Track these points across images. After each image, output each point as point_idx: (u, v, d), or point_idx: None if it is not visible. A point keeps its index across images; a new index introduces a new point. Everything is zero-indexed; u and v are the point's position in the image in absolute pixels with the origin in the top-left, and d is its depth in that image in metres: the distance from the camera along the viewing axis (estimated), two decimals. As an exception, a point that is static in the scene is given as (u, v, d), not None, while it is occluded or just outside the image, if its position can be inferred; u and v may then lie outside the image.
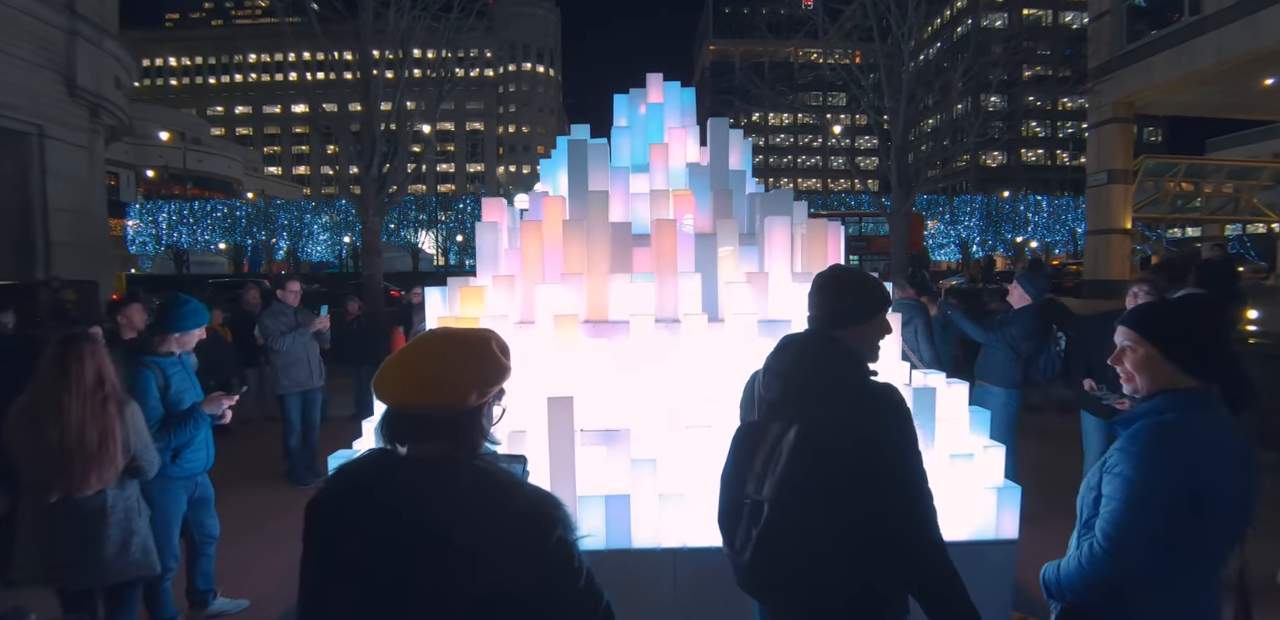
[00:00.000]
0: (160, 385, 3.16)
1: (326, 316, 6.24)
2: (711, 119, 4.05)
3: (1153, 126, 59.41)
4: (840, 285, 1.81)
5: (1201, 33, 15.26)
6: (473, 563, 1.13)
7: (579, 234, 3.52)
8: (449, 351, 1.24)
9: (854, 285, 1.81)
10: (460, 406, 1.23)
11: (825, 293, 1.81)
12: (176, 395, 3.20)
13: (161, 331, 3.26)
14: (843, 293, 1.80)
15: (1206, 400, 1.60)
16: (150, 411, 3.04)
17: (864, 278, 1.83)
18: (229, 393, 3.36)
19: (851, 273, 1.85)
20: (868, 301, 1.80)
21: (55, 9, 16.22)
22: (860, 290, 1.80)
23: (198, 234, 37.20)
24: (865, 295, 1.80)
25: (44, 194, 16.49)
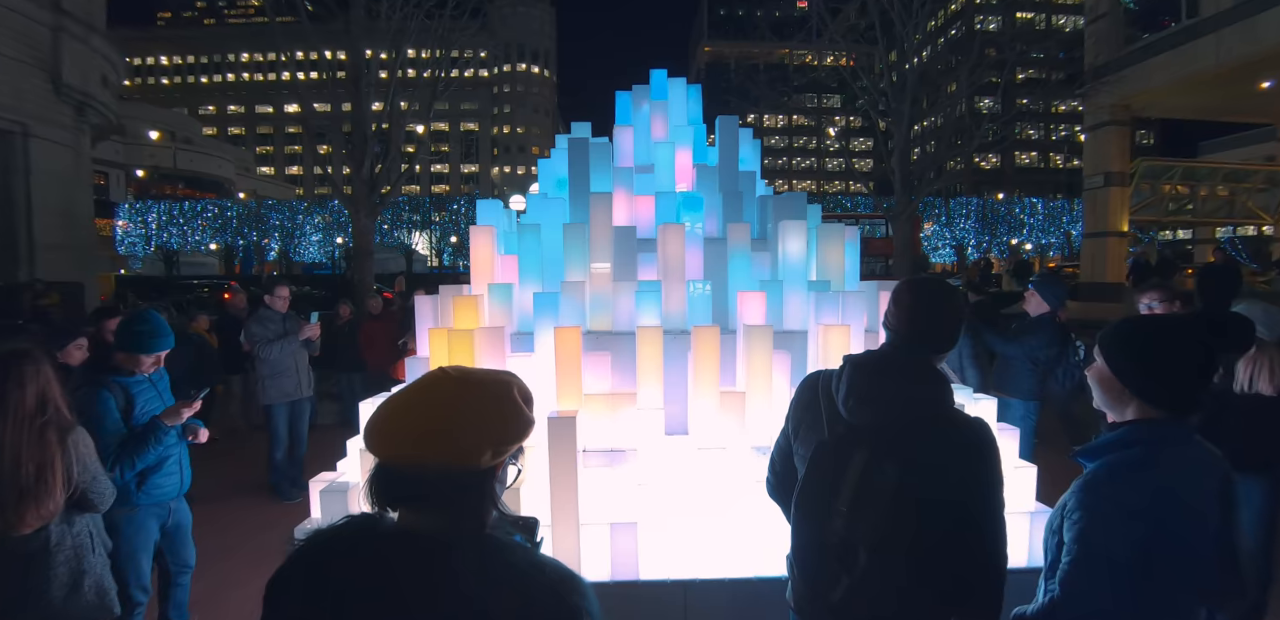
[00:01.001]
0: (121, 406, 2.89)
1: (316, 324, 5.96)
2: (721, 117, 3.83)
3: (1145, 129, 59.61)
4: (942, 304, 1.64)
5: (1200, 35, 15.22)
6: None
7: (580, 239, 3.30)
8: (464, 399, 1.01)
9: (955, 305, 1.66)
10: (471, 468, 0.99)
11: (923, 311, 1.64)
12: (143, 417, 2.94)
13: (120, 349, 2.99)
14: (944, 312, 1.64)
15: (1176, 435, 1.42)
16: (108, 435, 2.77)
17: (958, 295, 1.69)
18: (189, 401, 3.03)
19: (951, 290, 1.68)
20: (961, 324, 1.68)
21: (40, 5, 15.88)
22: (960, 311, 1.67)
23: (188, 235, 36.72)
24: (962, 316, 1.68)
25: (28, 194, 16.16)
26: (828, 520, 1.61)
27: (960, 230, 35.69)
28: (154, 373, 3.10)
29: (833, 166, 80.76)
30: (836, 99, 69.77)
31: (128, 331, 2.95)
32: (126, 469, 2.84)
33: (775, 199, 3.54)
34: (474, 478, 1.01)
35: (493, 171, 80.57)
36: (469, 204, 35.37)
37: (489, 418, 1.00)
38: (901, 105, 11.35)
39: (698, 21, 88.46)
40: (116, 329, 3.04)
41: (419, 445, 0.96)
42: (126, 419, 2.90)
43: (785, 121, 79.73)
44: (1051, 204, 36.73)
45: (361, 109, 9.12)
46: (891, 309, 1.70)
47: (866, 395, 1.59)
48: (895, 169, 11.36)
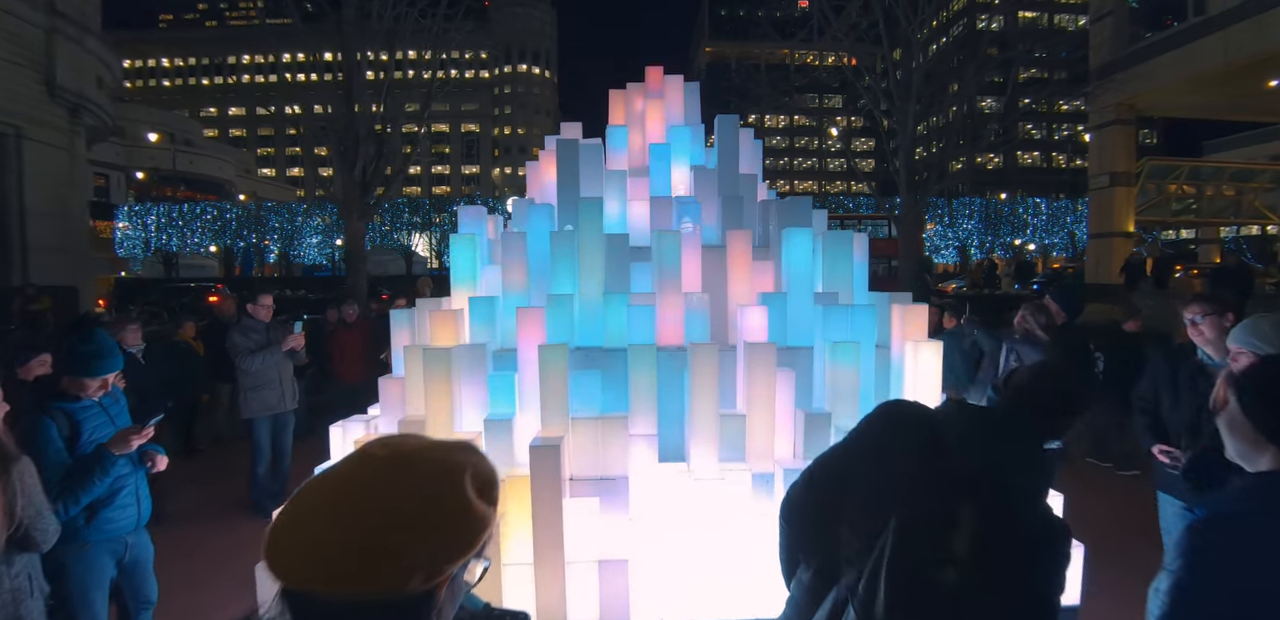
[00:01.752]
0: (65, 434, 2.66)
1: (301, 334, 5.71)
2: (720, 116, 3.58)
3: (1147, 129, 59.26)
4: (1077, 391, 1.60)
5: (1207, 33, 14.99)
6: None
7: (569, 247, 3.06)
8: (388, 498, 0.72)
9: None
10: (395, 598, 0.72)
11: (1069, 393, 1.57)
12: (90, 446, 2.70)
13: (64, 373, 2.76)
14: (1075, 399, 1.58)
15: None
16: (51, 466, 2.54)
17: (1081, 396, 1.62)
18: (143, 424, 2.76)
19: (1076, 386, 1.63)
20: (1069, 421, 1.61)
21: (33, 6, 15.71)
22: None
23: (188, 237, 36.55)
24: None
25: (21, 196, 15.99)
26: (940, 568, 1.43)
27: (963, 230, 35.43)
28: (105, 396, 2.86)
29: (835, 166, 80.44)
30: (838, 99, 69.52)
31: (70, 353, 2.72)
32: (70, 505, 2.60)
33: (778, 204, 3.30)
34: (401, 609, 0.73)
35: (494, 172, 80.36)
36: (470, 205, 35.19)
37: (420, 527, 0.72)
38: (906, 104, 11.11)
39: (699, 22, 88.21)
40: (60, 350, 2.80)
41: (320, 568, 0.69)
42: (72, 448, 2.67)
43: (787, 122, 79.38)
44: (1055, 204, 36.47)
45: (353, 110, 8.90)
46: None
47: (976, 443, 1.46)
48: (900, 169, 11.12)
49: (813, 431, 2.67)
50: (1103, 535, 3.97)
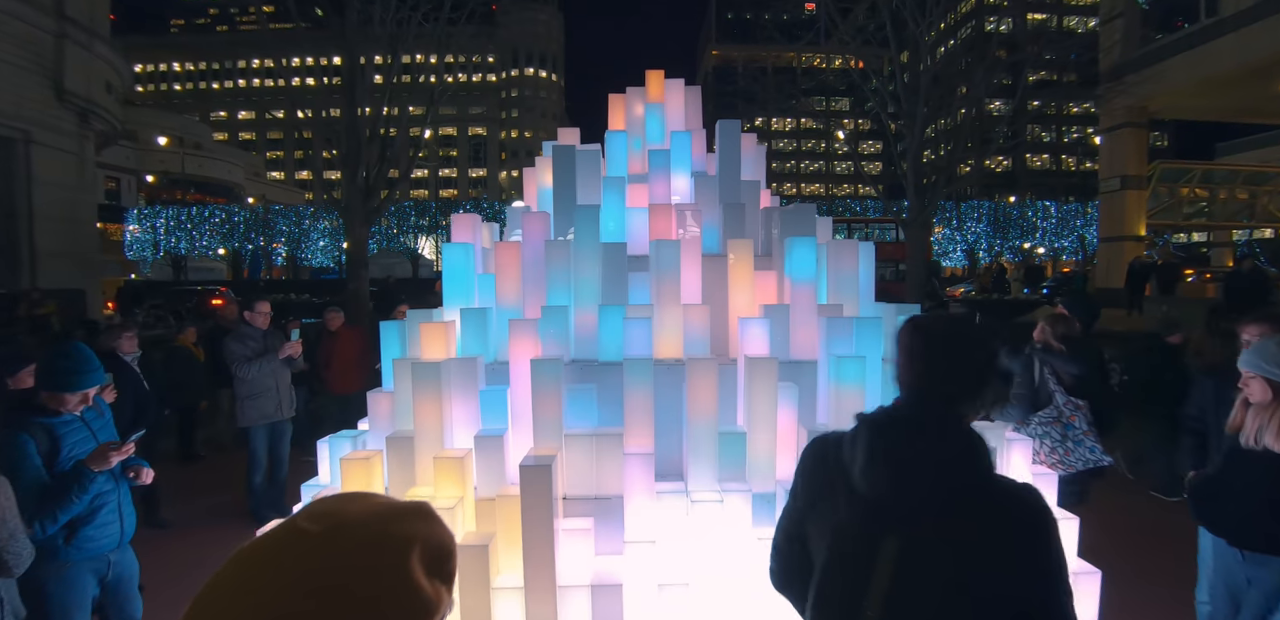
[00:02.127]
0: (44, 450, 2.58)
1: (298, 341, 5.64)
2: (721, 121, 3.47)
3: (1158, 132, 58.74)
4: (959, 348, 1.35)
5: (1220, 35, 14.81)
6: None
7: (564, 257, 2.97)
8: (325, 584, 0.61)
9: (973, 347, 1.35)
10: None
11: (938, 359, 1.35)
12: (70, 462, 2.62)
13: (43, 388, 2.68)
14: (962, 358, 1.34)
15: None
16: (27, 484, 2.47)
17: (976, 334, 1.37)
18: (122, 440, 2.69)
19: (966, 330, 1.39)
20: (997, 372, 1.36)
21: (42, 11, 15.80)
22: (980, 353, 1.35)
23: (196, 240, 36.79)
24: (983, 359, 1.35)
25: (29, 201, 16.08)
26: (861, 612, 1.31)
27: (971, 233, 35.19)
28: (89, 410, 2.78)
29: (841, 169, 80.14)
30: (845, 102, 69.31)
31: (49, 368, 2.64)
32: (48, 524, 2.52)
33: (781, 211, 3.19)
34: None
35: (500, 176, 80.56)
36: (476, 208, 35.27)
37: (357, 615, 0.61)
38: (914, 107, 10.98)
39: (705, 25, 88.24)
40: (38, 364, 2.72)
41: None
42: (51, 465, 2.59)
43: (793, 125, 79.20)
44: (1065, 207, 36.17)
45: (355, 115, 8.85)
46: (899, 358, 1.40)
47: (886, 456, 1.31)
48: (908, 172, 10.98)
49: (816, 449, 2.55)
50: (1127, 560, 3.79)
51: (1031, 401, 3.57)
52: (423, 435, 2.68)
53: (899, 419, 1.35)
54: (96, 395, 2.94)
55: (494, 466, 2.61)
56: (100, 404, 2.94)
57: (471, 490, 2.64)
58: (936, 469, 1.27)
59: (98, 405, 2.90)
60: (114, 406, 4.56)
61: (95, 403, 2.87)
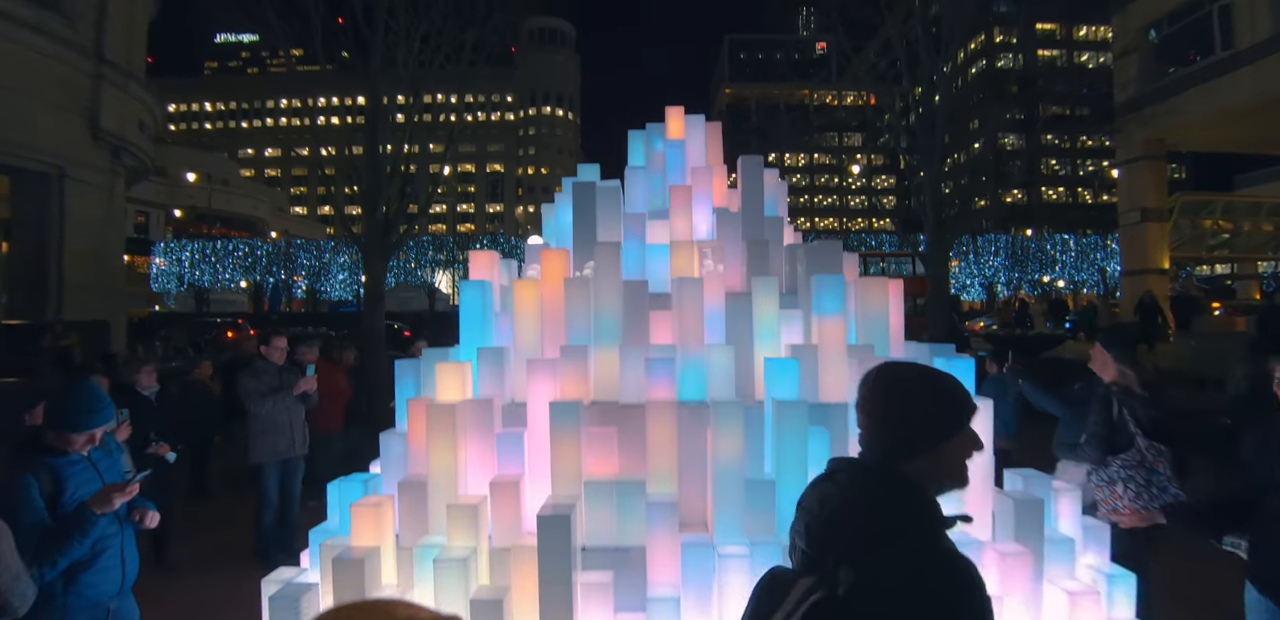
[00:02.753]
0: (47, 491, 2.50)
1: (313, 377, 5.60)
2: (743, 157, 3.43)
3: (1175, 163, 58.61)
4: (899, 396, 1.26)
5: (1236, 67, 14.82)
6: None
7: (584, 295, 2.90)
8: None
9: (918, 395, 1.26)
10: None
11: (877, 409, 1.28)
12: (74, 503, 2.54)
13: (49, 427, 2.62)
14: (904, 407, 1.25)
15: None
16: (27, 527, 2.38)
17: (930, 380, 1.28)
18: (122, 485, 2.59)
19: (912, 376, 1.30)
20: (940, 415, 1.25)
21: (83, 54, 16.49)
22: (927, 401, 1.25)
23: (220, 273, 37.47)
24: (936, 406, 1.25)
25: (60, 234, 16.49)
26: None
27: (989, 267, 34.91)
28: (96, 449, 2.70)
29: (856, 203, 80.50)
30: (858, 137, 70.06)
31: (56, 406, 2.59)
32: (47, 568, 2.42)
33: (806, 248, 3.11)
34: None
35: (517, 211, 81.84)
36: (492, 243, 35.72)
37: None
38: (930, 142, 10.99)
39: (719, 64, 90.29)
40: (46, 403, 2.66)
41: None
42: (54, 506, 2.51)
43: (807, 160, 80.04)
44: (1084, 240, 35.85)
45: (376, 152, 9.00)
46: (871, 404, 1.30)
47: (804, 505, 1.27)
48: (926, 207, 10.92)
49: (849, 499, 2.41)
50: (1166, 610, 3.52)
51: (1108, 442, 3.34)
52: (436, 480, 2.57)
53: (840, 467, 1.30)
54: (107, 434, 2.88)
55: (510, 514, 2.49)
56: (109, 443, 2.87)
57: (486, 540, 2.52)
58: (846, 521, 1.17)
59: (106, 444, 2.82)
60: (129, 442, 4.52)
61: (103, 442, 2.80)
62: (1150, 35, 17.60)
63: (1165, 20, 17.04)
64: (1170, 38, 17.31)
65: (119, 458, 2.89)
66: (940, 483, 1.24)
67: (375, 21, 9.08)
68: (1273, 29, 13.79)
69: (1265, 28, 13.95)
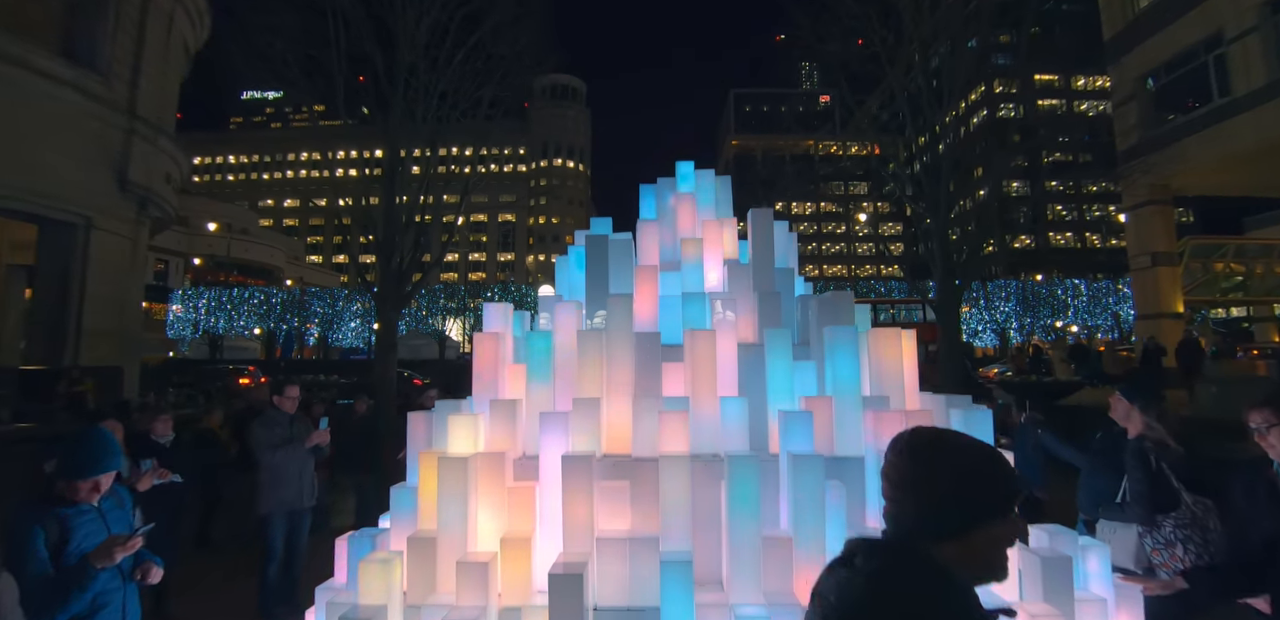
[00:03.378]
0: (54, 541, 2.48)
1: (326, 430, 5.57)
2: (754, 211, 3.50)
3: (1183, 207, 58.94)
4: (930, 467, 1.10)
5: (1236, 113, 15.07)
6: None
7: (597, 347, 2.91)
8: None
9: (953, 469, 1.09)
10: None
11: (904, 479, 1.13)
12: (79, 554, 2.50)
13: (58, 475, 2.61)
14: (935, 481, 1.09)
15: None
16: (31, 577, 2.35)
17: (969, 454, 1.12)
18: (123, 538, 2.54)
19: (949, 446, 1.13)
20: (976, 497, 1.09)
21: (117, 110, 17.26)
22: (962, 477, 1.09)
23: (235, 320, 37.94)
24: (972, 485, 1.09)
25: (83, 282, 16.85)
26: None
27: (1000, 313, 34.76)
28: (108, 499, 2.68)
29: (863, 250, 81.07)
30: (863, 186, 71.17)
31: (62, 454, 2.59)
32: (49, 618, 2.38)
33: (818, 300, 3.13)
34: None
35: (528, 259, 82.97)
36: (503, 292, 36.10)
37: None
38: (936, 191, 11.16)
39: (725, 116, 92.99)
40: (58, 451, 2.67)
41: None
42: (59, 555, 2.48)
43: (814, 208, 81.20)
44: (1095, 285, 35.79)
45: (393, 204, 9.25)
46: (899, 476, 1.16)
47: (819, 590, 1.14)
48: (934, 254, 10.99)
49: (869, 556, 2.35)
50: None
51: (1153, 500, 3.16)
52: (445, 535, 2.53)
53: (860, 548, 1.15)
54: (120, 485, 2.85)
55: (520, 572, 2.43)
56: (120, 493, 2.84)
57: (495, 598, 2.45)
58: (846, 609, 1.06)
59: (117, 494, 2.80)
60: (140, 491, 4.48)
61: (115, 492, 2.78)
62: (1148, 84, 18.01)
63: (1162, 69, 17.46)
64: (1168, 86, 17.70)
65: (129, 509, 2.87)
66: (973, 573, 1.08)
67: (396, 80, 9.48)
68: (1269, 75, 14.09)
69: (1261, 74, 14.26)
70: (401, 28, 9.32)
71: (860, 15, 11.50)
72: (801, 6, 11.99)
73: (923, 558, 1.06)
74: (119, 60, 17.74)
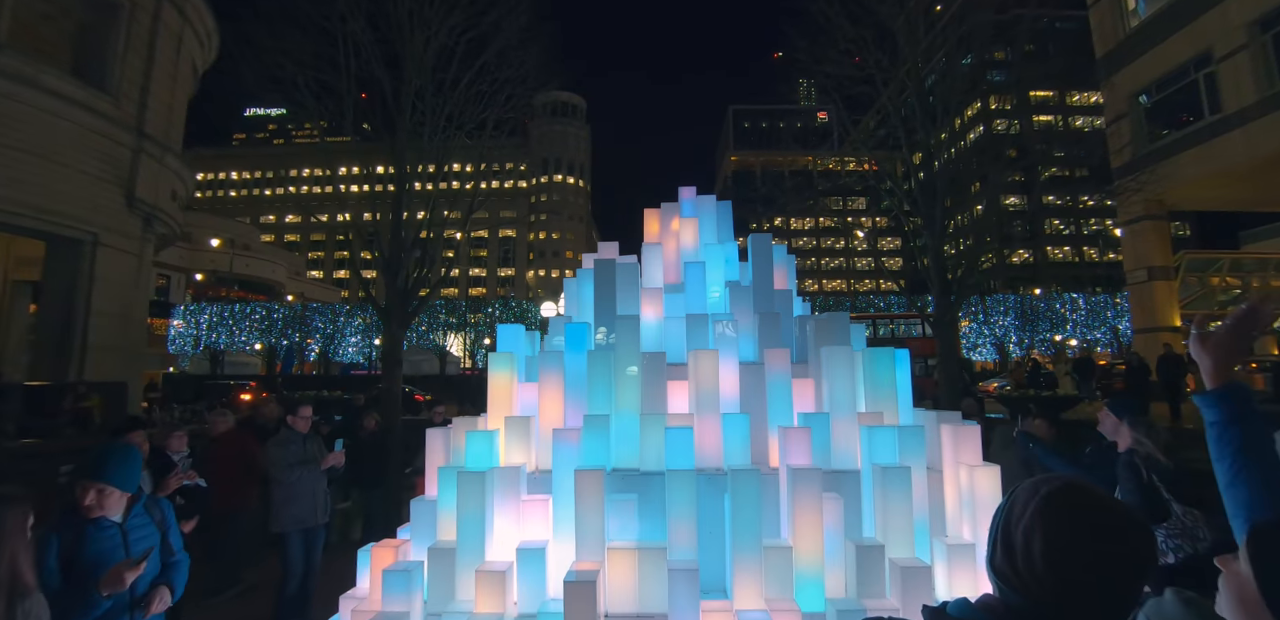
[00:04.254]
0: (67, 551, 2.49)
1: (341, 452, 5.69)
2: (753, 236, 3.68)
3: (1179, 221, 59.41)
4: (1124, 548, 0.93)
5: (1227, 130, 15.31)
6: None
7: (605, 366, 3.07)
8: None
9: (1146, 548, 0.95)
10: None
11: (1106, 571, 0.93)
12: (86, 567, 2.46)
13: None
14: (1131, 570, 0.94)
15: None
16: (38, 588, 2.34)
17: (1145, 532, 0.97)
18: (134, 562, 2.50)
19: (1133, 527, 0.96)
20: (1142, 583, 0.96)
21: (125, 128, 17.56)
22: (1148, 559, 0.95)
23: (236, 335, 38.06)
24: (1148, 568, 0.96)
25: (88, 298, 17.02)
26: None
27: (999, 327, 34.91)
28: (136, 517, 2.71)
29: (862, 265, 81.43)
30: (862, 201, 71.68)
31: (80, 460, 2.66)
32: None
33: (816, 320, 3.30)
34: None
35: (528, 275, 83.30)
36: (503, 307, 36.24)
37: None
38: (932, 207, 11.36)
39: (723, 133, 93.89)
40: None
41: None
42: (69, 569, 2.47)
43: (813, 223, 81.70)
44: (1093, 299, 35.98)
45: (400, 220, 9.45)
46: (1028, 552, 0.96)
47: None
48: (931, 271, 11.16)
49: (866, 565, 2.49)
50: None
51: (1145, 511, 3.26)
52: (465, 546, 2.67)
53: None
54: (151, 499, 2.84)
55: (536, 581, 2.57)
56: (140, 512, 2.76)
57: (511, 606, 2.59)
58: None
59: (141, 514, 2.75)
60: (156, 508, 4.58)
61: (147, 511, 2.78)
62: (1141, 100, 18.33)
63: (1154, 87, 17.78)
64: (1160, 103, 18.01)
65: (151, 530, 2.78)
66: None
67: (404, 102, 9.72)
68: (1258, 93, 14.36)
69: (1251, 92, 14.52)
70: (410, 51, 9.58)
71: (856, 38, 11.79)
72: (799, 29, 12.28)
73: None
74: (128, 80, 18.08)
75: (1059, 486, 0.98)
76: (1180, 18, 16.41)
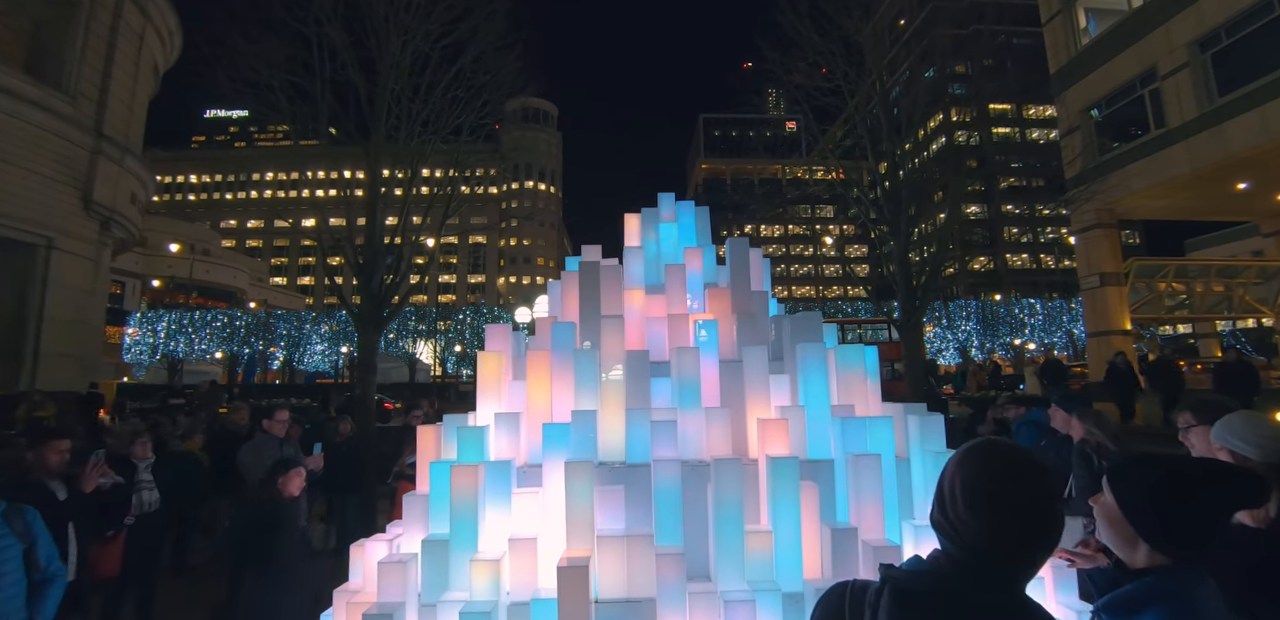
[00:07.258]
0: None
1: (320, 455, 5.70)
2: (731, 240, 3.87)
3: (1129, 229, 61.89)
4: (1033, 486, 1.10)
5: (1170, 144, 16.10)
6: None
7: (591, 365, 3.20)
8: None
9: (1053, 489, 1.12)
10: None
11: (1016, 508, 1.08)
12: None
13: None
14: (1042, 510, 1.11)
15: (1196, 582, 1.22)
16: None
17: (1050, 472, 1.15)
18: None
19: (1041, 467, 1.13)
20: (1059, 519, 1.13)
21: (83, 129, 17.07)
22: (1057, 496, 1.16)
23: (196, 343, 37.02)
24: (1060, 509, 1.14)
25: (41, 304, 16.44)
26: None
27: (962, 332, 35.87)
28: None
29: (830, 272, 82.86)
30: (830, 209, 73.06)
31: None
32: None
33: (790, 319, 3.49)
34: None
35: (499, 281, 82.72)
36: (474, 314, 35.97)
37: None
38: (897, 215, 11.75)
39: (694, 141, 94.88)
40: None
41: None
42: None
43: (782, 231, 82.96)
44: (1050, 304, 37.19)
45: (375, 226, 9.43)
46: (953, 500, 1.12)
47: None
48: (897, 277, 11.53)
49: (840, 547, 2.65)
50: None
51: (1094, 494, 3.55)
52: (458, 537, 2.76)
53: (934, 586, 1.08)
54: (18, 505, 2.60)
55: (527, 570, 2.67)
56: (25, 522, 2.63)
57: (504, 595, 2.68)
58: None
59: (5, 524, 2.57)
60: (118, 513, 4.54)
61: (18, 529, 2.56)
62: (1093, 114, 19.15)
63: (1104, 102, 18.61)
64: (1110, 117, 18.84)
65: (10, 542, 2.56)
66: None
67: (379, 106, 9.72)
68: (1199, 108, 15.16)
69: (1192, 108, 15.32)
70: (387, 54, 9.59)
71: (824, 51, 12.16)
72: (769, 41, 12.63)
73: (1026, 600, 1.15)
74: (86, 79, 17.60)
75: (976, 443, 1.18)
76: (1128, 37, 17.23)
